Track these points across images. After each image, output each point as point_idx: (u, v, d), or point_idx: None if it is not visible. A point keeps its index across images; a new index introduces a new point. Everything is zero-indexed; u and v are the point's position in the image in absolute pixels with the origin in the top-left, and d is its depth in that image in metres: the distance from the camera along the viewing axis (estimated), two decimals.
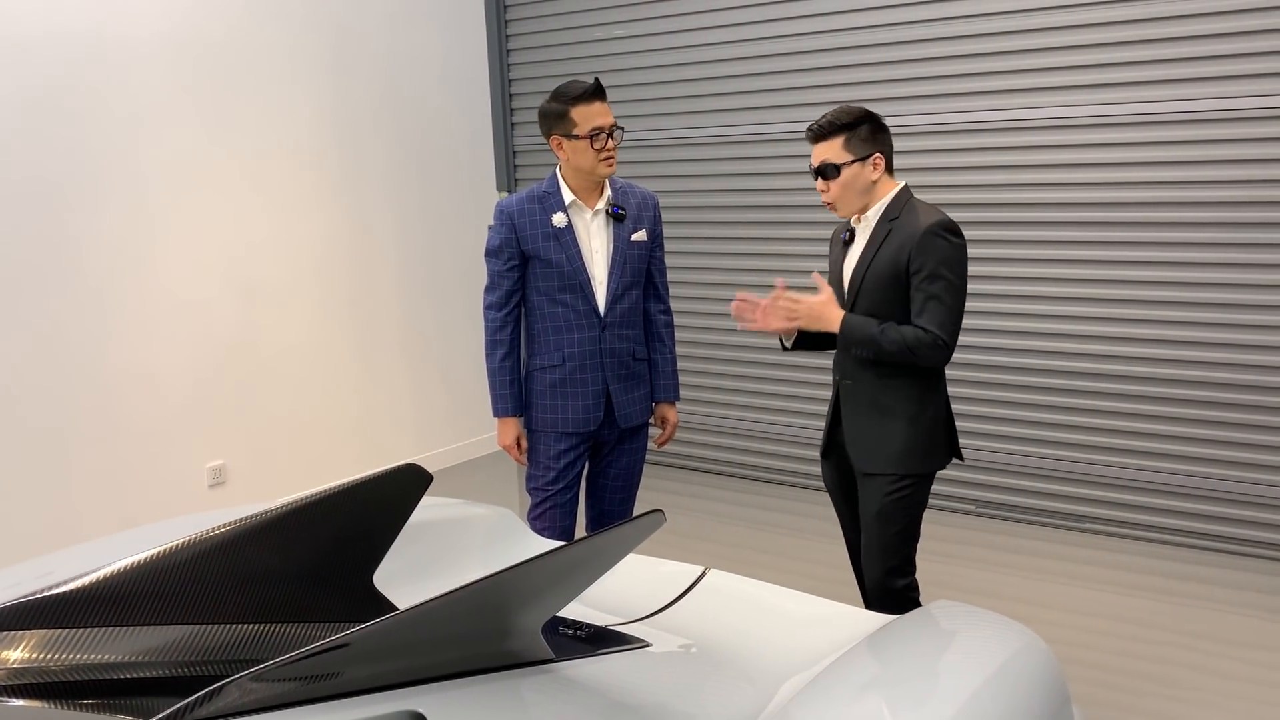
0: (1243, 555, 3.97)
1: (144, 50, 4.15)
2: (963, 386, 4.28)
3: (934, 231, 2.54)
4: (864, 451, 2.71)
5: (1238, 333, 3.89)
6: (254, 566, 1.75)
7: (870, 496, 2.70)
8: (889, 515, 2.67)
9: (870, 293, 2.63)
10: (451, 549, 2.23)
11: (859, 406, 2.72)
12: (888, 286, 2.61)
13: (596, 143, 2.90)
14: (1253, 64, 3.69)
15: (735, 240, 5.00)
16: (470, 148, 5.59)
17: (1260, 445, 3.90)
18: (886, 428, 2.66)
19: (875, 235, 2.66)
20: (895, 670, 1.68)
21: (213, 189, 4.41)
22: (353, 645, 1.35)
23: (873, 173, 2.64)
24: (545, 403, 3.07)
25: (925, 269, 2.54)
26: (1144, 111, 3.93)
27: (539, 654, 1.64)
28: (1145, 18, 3.85)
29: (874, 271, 2.62)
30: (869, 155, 2.63)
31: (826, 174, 2.64)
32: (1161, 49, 3.84)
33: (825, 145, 2.64)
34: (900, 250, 2.58)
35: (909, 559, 2.71)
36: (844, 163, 2.61)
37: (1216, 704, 3.01)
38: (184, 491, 4.39)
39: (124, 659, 1.57)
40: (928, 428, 2.68)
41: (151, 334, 4.24)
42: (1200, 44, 3.77)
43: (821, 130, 2.65)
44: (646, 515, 1.66)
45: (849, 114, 2.64)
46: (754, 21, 4.75)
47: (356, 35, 4.95)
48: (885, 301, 2.62)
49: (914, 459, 2.66)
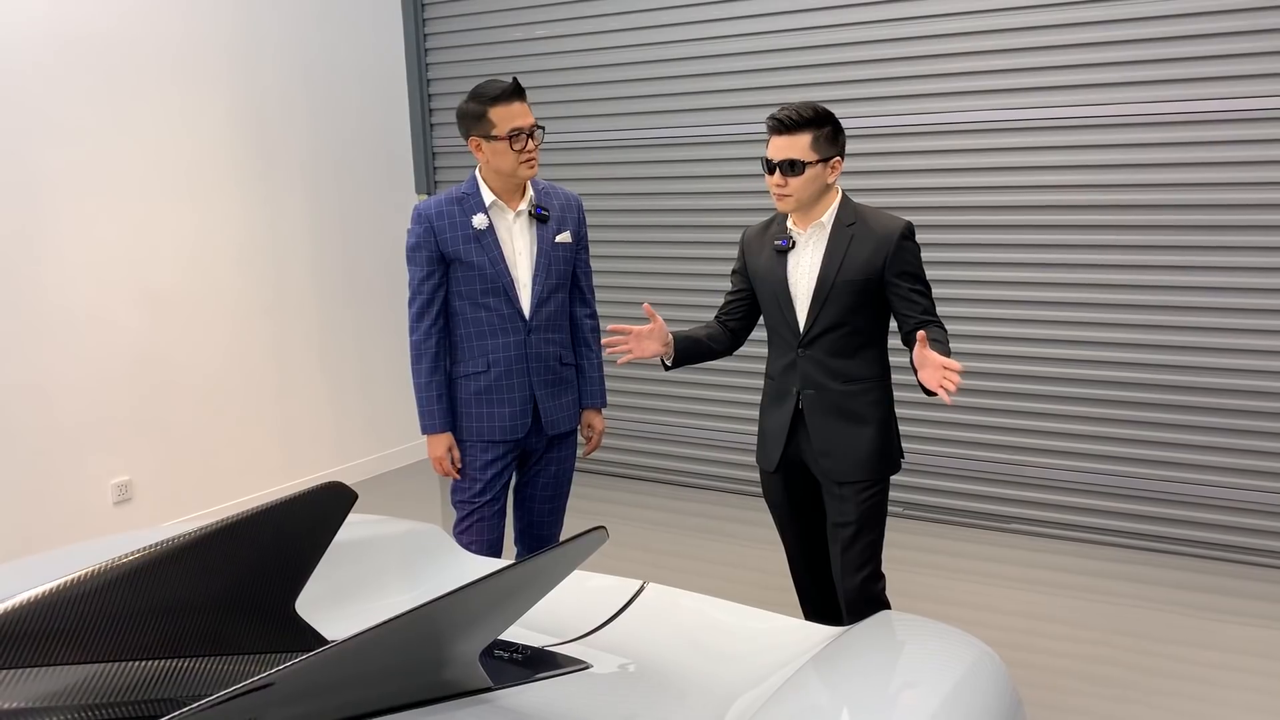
0: (1172, 554, 4.05)
1: (27, 41, 3.92)
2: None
3: (906, 235, 2.60)
4: (837, 461, 2.65)
5: (1162, 334, 3.96)
6: (166, 596, 1.63)
7: (844, 506, 2.66)
8: (866, 522, 2.66)
9: (839, 299, 2.60)
10: (376, 570, 2.14)
11: (825, 417, 2.66)
12: (859, 291, 2.59)
13: (516, 144, 2.81)
14: (1229, 66, 3.71)
15: (658, 244, 4.96)
16: (388, 149, 5.44)
17: (1188, 445, 3.98)
18: (858, 435, 2.64)
19: (836, 241, 2.61)
20: (851, 691, 1.64)
21: (112, 193, 4.19)
22: (277, 685, 1.25)
23: (830, 175, 2.59)
24: (470, 411, 2.97)
25: (906, 272, 2.60)
26: (1078, 114, 3.99)
27: (476, 683, 1.56)
28: (1125, 18, 3.85)
29: (845, 278, 2.58)
30: (830, 158, 2.58)
31: (791, 169, 2.53)
32: (1140, 50, 3.84)
33: (790, 140, 2.54)
34: (874, 255, 2.57)
35: (881, 562, 2.72)
36: (810, 161, 2.54)
37: (1144, 700, 3.05)
38: (87, 510, 4.17)
39: (20, 705, 1.44)
40: (894, 430, 2.73)
41: (43, 345, 4.00)
42: (1180, 45, 3.78)
43: (791, 123, 2.53)
44: (588, 533, 1.59)
45: (815, 111, 2.55)
46: (676, 24, 4.71)
47: (266, 32, 4.77)
48: (854, 306, 2.61)
49: (887, 462, 2.69)
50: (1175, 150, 3.84)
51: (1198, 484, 3.99)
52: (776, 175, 2.56)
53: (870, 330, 2.66)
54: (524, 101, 2.84)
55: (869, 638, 1.81)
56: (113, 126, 4.18)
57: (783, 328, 2.70)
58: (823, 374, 2.64)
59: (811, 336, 2.65)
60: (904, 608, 3.25)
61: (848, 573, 2.67)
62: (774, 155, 2.56)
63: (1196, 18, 3.75)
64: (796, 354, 2.67)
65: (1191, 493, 4.00)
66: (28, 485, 3.99)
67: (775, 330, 2.75)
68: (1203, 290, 3.88)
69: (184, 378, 4.51)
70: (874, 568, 2.69)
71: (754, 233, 2.81)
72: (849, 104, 4.34)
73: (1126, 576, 3.89)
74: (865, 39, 4.31)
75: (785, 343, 2.71)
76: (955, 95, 4.18)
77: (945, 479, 4.45)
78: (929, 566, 4.04)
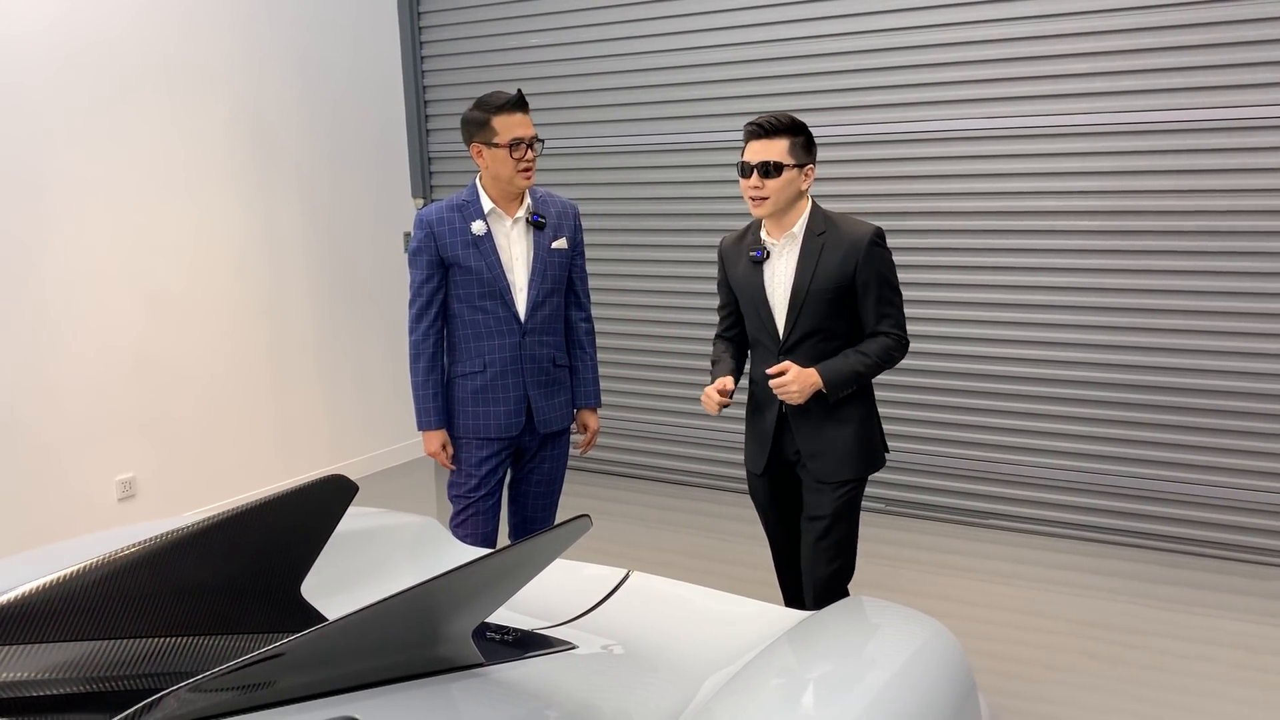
0: (1135, 548, 4.18)
1: (33, 50, 4.04)
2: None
3: (875, 241, 2.67)
4: (827, 463, 2.73)
5: (1139, 335, 4.09)
6: (178, 580, 1.75)
7: (821, 499, 2.75)
8: (841, 516, 2.75)
9: (814, 307, 2.67)
10: (377, 559, 2.25)
11: (813, 420, 2.73)
12: (832, 300, 2.66)
13: (515, 153, 2.94)
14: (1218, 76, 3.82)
15: (653, 248, 5.07)
16: (384, 154, 5.56)
17: (1154, 442, 4.11)
18: (843, 435, 2.72)
19: (808, 250, 2.68)
20: (811, 664, 1.76)
21: (114, 197, 4.30)
22: (288, 654, 1.37)
23: (804, 182, 2.67)
24: (467, 409, 3.09)
25: (875, 278, 2.66)
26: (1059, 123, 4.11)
27: (469, 658, 1.67)
28: (1108, 30, 3.95)
29: (818, 286, 2.66)
30: (806, 165, 2.66)
31: (769, 172, 2.60)
32: (1127, 60, 3.95)
33: (770, 144, 2.62)
34: (845, 261, 2.65)
35: (854, 555, 2.82)
36: (787, 165, 2.61)
37: (1111, 689, 3.17)
38: (93, 505, 4.29)
39: (38, 676, 1.55)
40: (876, 428, 2.82)
41: (48, 345, 4.12)
42: (1145, 57, 3.91)
43: (772, 127, 2.62)
44: (573, 520, 1.71)
45: (792, 120, 2.65)
46: (672, 33, 4.83)
47: (265, 40, 4.89)
48: (829, 315, 2.68)
49: (872, 460, 2.79)
50: (1184, 157, 3.93)
51: (1181, 481, 4.11)
52: (754, 178, 2.63)
53: (849, 333, 2.73)
54: (526, 113, 2.97)
55: (833, 619, 1.93)
56: (115, 133, 4.30)
57: (763, 335, 2.78)
58: None
59: (791, 343, 2.72)
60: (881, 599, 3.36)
61: (819, 564, 2.76)
62: (751, 158, 2.64)
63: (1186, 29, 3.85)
64: (778, 360, 2.72)
65: (1174, 490, 4.12)
66: (35, 481, 4.10)
67: (757, 337, 2.83)
68: (1192, 295, 4.00)
69: (185, 377, 4.62)
70: (844, 560, 2.79)
71: (730, 242, 2.88)
72: (855, 110, 4.46)
73: (1110, 572, 4.00)
74: (870, 48, 4.42)
75: (766, 349, 2.78)
76: (957, 103, 4.29)
77: (930, 476, 4.57)
78: (911, 562, 4.16)
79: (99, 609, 1.66)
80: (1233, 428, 3.98)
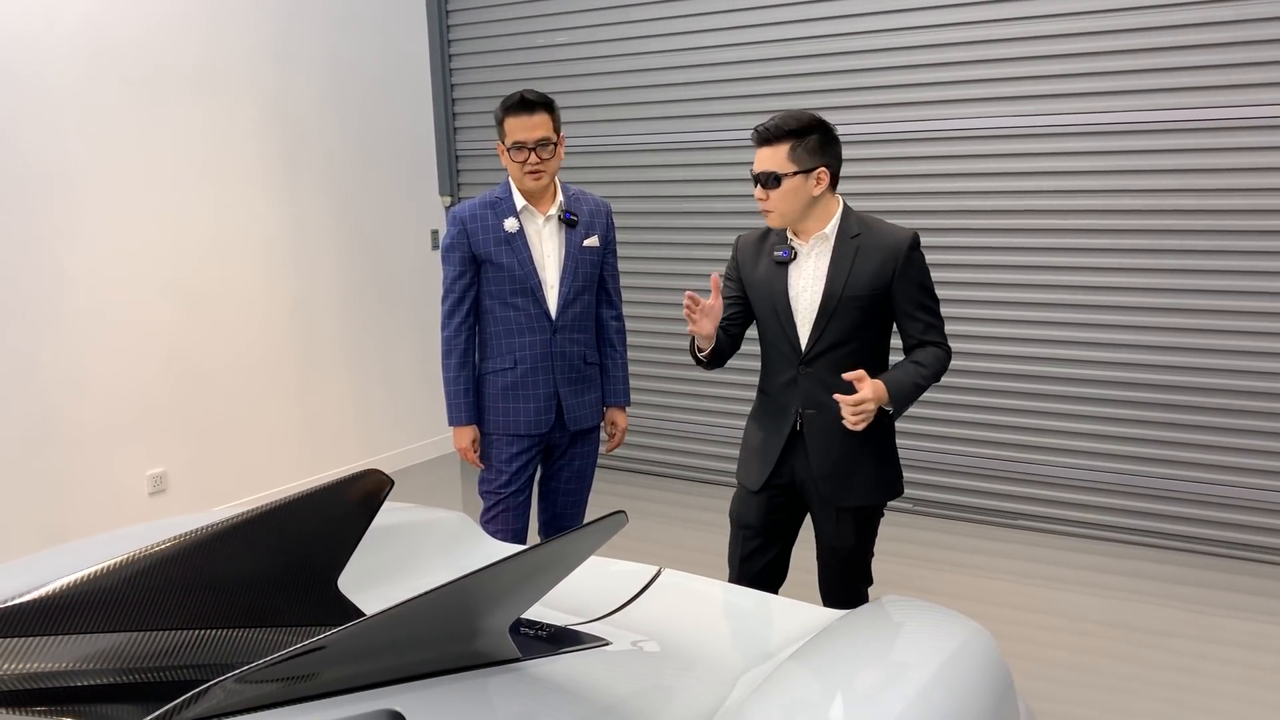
0: (1165, 549, 4.14)
1: (62, 49, 4.07)
2: None
3: (914, 246, 2.49)
4: (841, 486, 2.54)
5: (1163, 335, 4.06)
6: (217, 573, 1.76)
7: (843, 530, 2.58)
8: (864, 543, 2.63)
9: (846, 313, 2.48)
10: (411, 553, 2.26)
11: (829, 437, 2.52)
12: (865, 307, 2.48)
13: (517, 156, 2.94)
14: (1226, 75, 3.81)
15: (685, 245, 5.07)
16: (412, 152, 5.58)
17: (1183, 443, 4.08)
18: (862, 457, 2.53)
19: (841, 253, 2.49)
20: (848, 664, 1.75)
21: (145, 196, 4.34)
22: (329, 647, 1.38)
23: (815, 187, 2.45)
24: (497, 405, 3.10)
25: (916, 286, 2.50)
26: (1081, 122, 4.08)
27: (506, 653, 1.68)
28: (1123, 29, 3.94)
29: (852, 293, 2.47)
30: (814, 168, 2.44)
31: (766, 183, 2.45)
32: (1140, 60, 3.94)
33: (770, 151, 2.44)
34: (883, 268, 2.47)
35: (871, 568, 2.74)
36: (786, 173, 2.42)
37: (1147, 693, 3.14)
38: (124, 500, 4.33)
39: (82, 666, 1.57)
40: (895, 450, 2.64)
41: (79, 342, 4.16)
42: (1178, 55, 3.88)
43: (768, 134, 2.44)
44: (609, 517, 1.71)
45: (798, 120, 2.44)
46: (702, 30, 4.83)
47: (294, 38, 4.92)
48: (860, 323, 2.50)
49: (889, 486, 2.61)
50: (1193, 156, 3.92)
51: (1209, 483, 4.07)
52: (758, 189, 2.47)
53: (876, 346, 2.55)
54: (533, 115, 2.91)
55: (869, 618, 1.92)
56: (145, 133, 4.33)
57: (782, 343, 2.57)
58: (826, 393, 2.49)
59: (815, 353, 2.52)
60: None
61: (844, 589, 2.66)
62: (755, 167, 2.47)
63: (1195, 28, 3.84)
64: (798, 371, 2.54)
65: (1203, 492, 4.08)
66: (68, 476, 4.15)
67: (773, 345, 2.61)
68: (1219, 295, 3.97)
69: (215, 373, 4.66)
70: (865, 576, 2.71)
71: (749, 240, 2.68)
72: (875, 109, 4.45)
73: (1139, 573, 3.97)
74: (881, 46, 4.41)
75: (784, 358, 2.57)
76: (964, 103, 4.28)
77: (954, 476, 4.54)
78: (939, 562, 4.14)
79: (140, 600, 1.67)
80: (1264, 429, 3.93)
